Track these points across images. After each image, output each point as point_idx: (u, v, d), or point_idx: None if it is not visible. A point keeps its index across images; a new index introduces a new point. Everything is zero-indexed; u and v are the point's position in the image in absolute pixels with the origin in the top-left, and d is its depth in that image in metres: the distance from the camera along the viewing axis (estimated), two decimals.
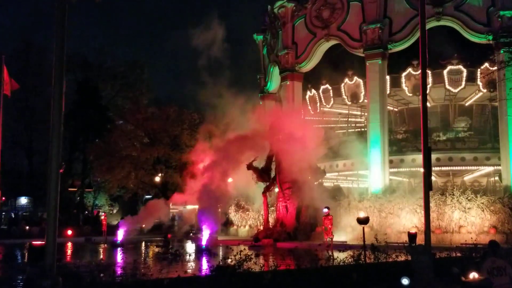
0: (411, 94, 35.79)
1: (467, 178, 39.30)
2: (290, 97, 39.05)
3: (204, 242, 25.85)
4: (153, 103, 59.96)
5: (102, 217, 45.09)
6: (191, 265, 17.89)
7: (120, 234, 31.55)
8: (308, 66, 38.79)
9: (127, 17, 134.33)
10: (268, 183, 34.79)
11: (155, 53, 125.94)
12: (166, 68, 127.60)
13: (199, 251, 24.25)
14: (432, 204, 24.67)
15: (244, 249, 16.26)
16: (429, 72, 32.10)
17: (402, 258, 15.16)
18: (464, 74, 34.68)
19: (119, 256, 24.69)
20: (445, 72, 34.72)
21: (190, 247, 28.50)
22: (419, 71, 21.29)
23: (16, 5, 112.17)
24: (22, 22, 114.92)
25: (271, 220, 34.19)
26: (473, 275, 10.44)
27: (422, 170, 17.08)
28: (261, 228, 35.08)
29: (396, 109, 41.14)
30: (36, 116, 57.59)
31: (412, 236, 15.91)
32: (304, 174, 32.89)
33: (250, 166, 33.51)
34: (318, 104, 40.45)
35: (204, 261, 20.24)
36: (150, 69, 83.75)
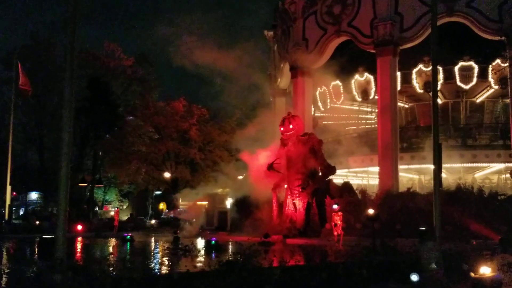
0: (422, 91, 35.64)
1: (478, 175, 39.12)
2: (301, 93, 38.93)
3: (213, 238, 25.87)
4: (162, 98, 60.16)
5: (114, 212, 45.26)
6: (200, 260, 17.90)
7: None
8: (318, 62, 38.65)
9: (135, 13, 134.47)
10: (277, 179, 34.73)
11: (165, 50, 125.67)
12: (176, 65, 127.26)
13: (209, 247, 24.26)
14: None
15: (254, 244, 16.23)
16: (440, 68, 31.97)
17: (412, 254, 15.10)
18: (476, 70, 34.52)
19: (129, 251, 24.78)
20: (456, 68, 34.55)
21: (199, 242, 28.52)
22: (430, 68, 21.23)
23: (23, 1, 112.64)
24: (31, 18, 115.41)
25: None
26: (483, 271, 10.42)
27: (432, 167, 17.08)
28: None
29: (406, 106, 40.97)
30: (47, 112, 57.97)
31: (422, 232, 15.89)
32: (314, 171, 32.95)
33: (271, 167, 33.51)
34: (328, 100, 40.37)
35: (214, 257, 20.24)
36: (159, 66, 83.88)
